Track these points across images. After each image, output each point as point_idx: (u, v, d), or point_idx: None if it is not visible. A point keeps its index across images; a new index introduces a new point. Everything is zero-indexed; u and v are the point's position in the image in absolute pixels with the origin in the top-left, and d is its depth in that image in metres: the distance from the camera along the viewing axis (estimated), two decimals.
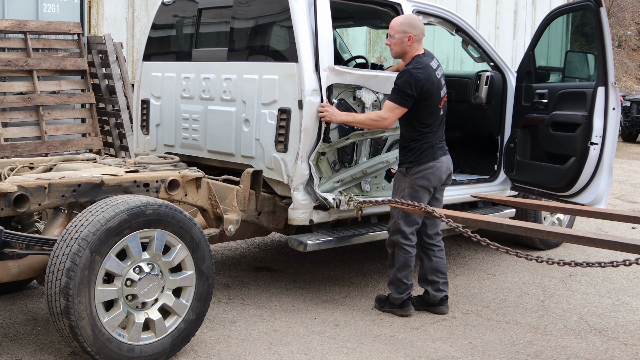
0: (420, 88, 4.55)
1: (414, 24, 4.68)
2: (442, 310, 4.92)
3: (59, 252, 3.57)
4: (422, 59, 4.67)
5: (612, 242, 3.73)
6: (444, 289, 4.91)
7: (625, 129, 18.09)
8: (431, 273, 4.90)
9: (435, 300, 4.90)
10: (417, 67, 4.60)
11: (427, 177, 4.69)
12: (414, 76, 4.55)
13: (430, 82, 4.59)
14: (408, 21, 4.70)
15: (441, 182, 4.78)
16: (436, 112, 4.70)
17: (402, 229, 4.74)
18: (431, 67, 4.65)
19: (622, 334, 4.69)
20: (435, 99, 4.66)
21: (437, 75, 4.68)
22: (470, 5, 14.40)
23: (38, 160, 4.70)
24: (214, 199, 4.40)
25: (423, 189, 4.71)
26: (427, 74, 4.59)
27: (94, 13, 9.19)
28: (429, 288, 4.91)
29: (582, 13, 6.03)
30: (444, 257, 4.95)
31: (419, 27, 4.70)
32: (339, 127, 4.85)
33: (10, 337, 4.24)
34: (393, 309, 4.85)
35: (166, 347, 3.89)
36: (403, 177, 4.77)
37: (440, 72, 4.75)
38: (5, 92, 7.74)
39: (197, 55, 5.36)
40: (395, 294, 4.82)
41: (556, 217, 6.83)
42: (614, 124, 5.45)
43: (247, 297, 5.14)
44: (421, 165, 4.69)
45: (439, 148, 4.75)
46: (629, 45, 25.42)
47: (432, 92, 4.61)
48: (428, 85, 4.57)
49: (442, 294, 4.90)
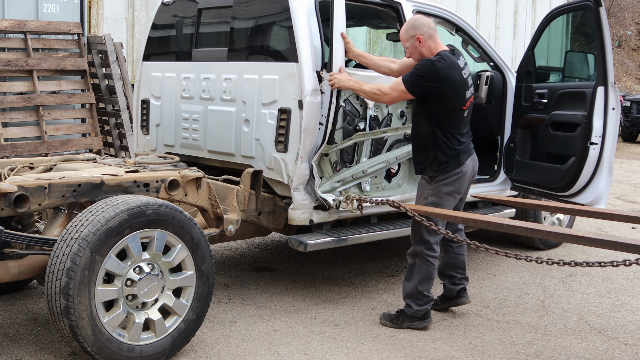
0: (437, 81, 4.33)
1: (416, 24, 4.50)
2: (461, 302, 4.90)
3: (59, 252, 3.57)
4: (448, 54, 4.43)
5: (612, 242, 3.73)
6: (461, 282, 4.88)
7: (625, 129, 18.09)
8: (449, 268, 4.87)
9: (453, 294, 4.89)
10: (441, 60, 4.36)
11: (452, 184, 4.53)
12: (434, 66, 4.33)
13: (451, 79, 4.35)
14: (410, 25, 4.52)
15: (468, 183, 4.65)
16: (459, 113, 4.48)
17: (426, 239, 4.55)
18: (457, 65, 4.41)
19: (622, 334, 4.69)
20: (458, 98, 4.43)
21: (463, 74, 4.43)
22: (470, 5, 14.40)
23: (38, 160, 4.70)
24: (214, 199, 4.40)
25: (448, 195, 4.54)
26: (450, 70, 4.35)
27: (94, 13, 9.19)
28: (446, 282, 4.90)
29: (582, 13, 6.04)
30: (463, 253, 4.87)
31: (423, 24, 4.48)
32: (343, 128, 4.84)
33: (10, 337, 4.24)
34: (412, 323, 4.60)
35: (166, 347, 3.89)
36: (427, 184, 4.61)
37: (467, 71, 4.51)
38: (5, 92, 7.74)
39: (197, 55, 5.36)
40: (416, 306, 4.60)
41: (556, 217, 6.83)
42: (613, 123, 5.45)
43: (247, 297, 5.14)
44: (446, 174, 4.51)
45: (464, 152, 4.54)
46: (629, 45, 25.42)
47: (455, 89, 4.37)
48: (448, 82, 4.34)
49: (459, 287, 4.87)
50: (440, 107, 4.45)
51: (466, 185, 4.64)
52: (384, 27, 6.63)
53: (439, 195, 4.54)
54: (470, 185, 4.75)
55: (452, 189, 4.54)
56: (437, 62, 4.36)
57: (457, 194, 4.58)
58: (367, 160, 5.04)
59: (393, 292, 5.37)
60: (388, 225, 5.25)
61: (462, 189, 4.61)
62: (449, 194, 4.54)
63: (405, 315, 4.62)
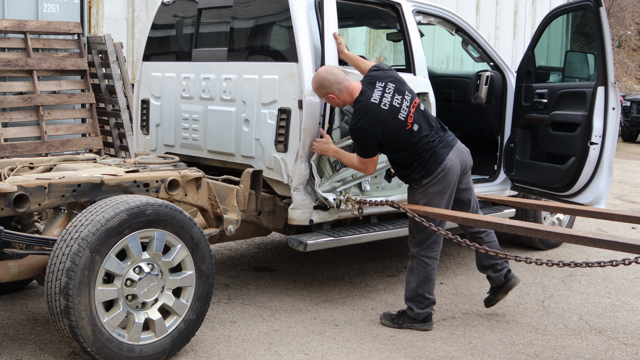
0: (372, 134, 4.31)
1: (324, 84, 4.39)
2: (512, 284, 4.83)
3: (59, 252, 3.57)
4: (361, 102, 4.35)
5: (612, 242, 3.73)
6: (503, 266, 4.82)
7: (625, 129, 18.09)
8: (487, 258, 4.81)
9: (501, 280, 4.82)
10: (358, 117, 4.33)
11: (438, 183, 4.47)
12: (361, 130, 4.32)
13: (374, 126, 4.30)
14: (318, 84, 4.43)
15: (457, 176, 4.53)
16: (407, 134, 4.40)
17: (421, 240, 4.56)
18: (373, 104, 4.31)
19: (622, 334, 4.69)
20: (396, 125, 4.36)
21: (383, 106, 4.32)
22: (470, 5, 14.40)
23: (38, 160, 4.70)
24: (214, 199, 4.40)
25: (437, 194, 4.48)
26: (370, 117, 4.30)
27: (94, 13, 9.19)
28: (490, 272, 4.84)
29: (582, 13, 6.03)
30: (494, 239, 4.82)
31: (331, 83, 4.37)
32: (340, 127, 4.85)
33: (10, 337, 4.24)
34: (413, 324, 4.58)
35: (166, 347, 3.89)
36: (414, 189, 4.57)
37: (389, 93, 4.37)
38: (5, 92, 7.74)
39: (197, 55, 5.36)
40: (417, 309, 4.57)
41: (556, 217, 6.83)
42: (613, 123, 5.45)
43: (247, 297, 5.14)
44: (429, 176, 4.46)
45: (443, 146, 4.47)
46: (629, 45, 25.41)
47: (385, 126, 4.33)
48: (377, 128, 4.30)
49: (503, 271, 4.81)
50: (387, 143, 4.43)
51: (455, 179, 4.51)
52: (384, 27, 6.63)
53: (428, 195, 4.50)
54: (467, 175, 4.67)
55: (441, 187, 4.48)
56: (356, 123, 4.33)
57: (446, 190, 4.50)
58: None
59: (393, 292, 5.37)
60: (388, 225, 5.25)
61: (451, 184, 4.51)
62: (437, 193, 4.49)
63: (406, 316, 4.61)
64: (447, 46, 13.38)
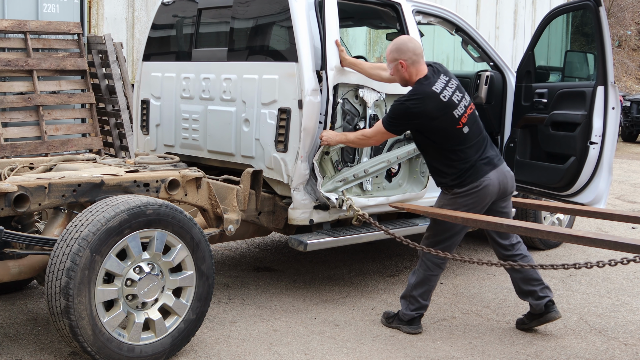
0: (411, 119, 4.29)
1: (402, 48, 4.35)
2: (551, 317, 4.55)
3: (59, 252, 3.57)
4: (423, 85, 4.30)
5: (612, 242, 3.73)
6: (544, 294, 4.56)
7: (625, 129, 18.09)
8: (524, 283, 4.57)
9: (541, 309, 4.55)
10: (413, 97, 4.29)
11: (469, 197, 4.35)
12: (405, 108, 4.28)
13: (425, 112, 4.24)
14: (396, 47, 4.37)
15: (492, 198, 4.40)
16: (455, 132, 4.31)
17: (429, 239, 4.52)
18: (433, 93, 4.25)
19: (622, 334, 4.69)
20: (445, 122, 4.28)
21: (442, 98, 4.26)
22: (470, 5, 14.41)
23: (38, 160, 4.70)
24: (214, 198, 4.40)
25: (465, 207, 4.36)
26: (422, 104, 4.24)
27: (94, 13, 9.19)
28: (530, 300, 4.58)
29: (582, 13, 6.02)
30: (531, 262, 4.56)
31: (409, 49, 4.34)
32: (343, 127, 4.85)
33: (10, 337, 4.24)
34: (400, 325, 4.56)
35: (166, 347, 3.89)
36: (444, 195, 4.50)
37: (452, 88, 4.33)
38: (5, 92, 7.74)
39: (197, 55, 5.36)
40: (406, 309, 4.53)
41: (556, 217, 6.83)
42: (613, 123, 5.45)
43: (247, 297, 5.14)
44: (463, 187, 4.35)
45: (485, 163, 4.34)
46: (629, 45, 25.42)
47: (434, 118, 4.26)
48: (423, 116, 4.25)
49: (544, 300, 4.54)
50: (432, 136, 4.37)
51: (488, 199, 4.38)
52: (384, 27, 6.62)
53: (455, 205, 4.39)
54: (507, 200, 4.54)
55: (470, 201, 4.35)
56: (407, 101, 4.29)
57: (475, 206, 4.37)
58: (368, 159, 5.04)
59: (393, 292, 5.37)
60: (388, 225, 5.25)
61: (482, 203, 4.37)
62: (464, 206, 4.36)
63: (397, 316, 4.62)
64: (447, 46, 13.38)
